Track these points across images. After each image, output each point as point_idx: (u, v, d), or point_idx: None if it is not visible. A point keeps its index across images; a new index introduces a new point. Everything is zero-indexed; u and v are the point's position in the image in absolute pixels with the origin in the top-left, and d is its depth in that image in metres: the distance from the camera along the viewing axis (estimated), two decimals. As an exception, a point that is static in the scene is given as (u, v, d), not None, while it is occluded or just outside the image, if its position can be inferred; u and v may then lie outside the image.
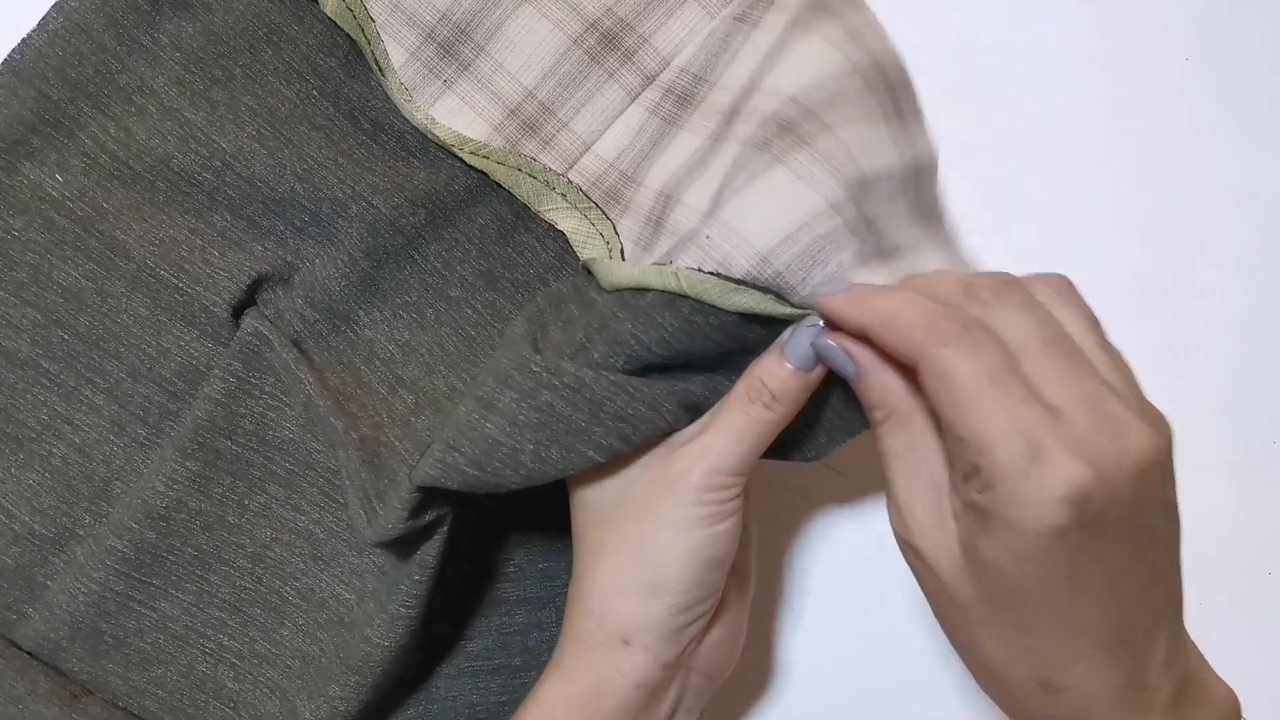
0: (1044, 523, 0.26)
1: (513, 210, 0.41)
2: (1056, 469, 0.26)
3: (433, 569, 0.35)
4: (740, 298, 0.32)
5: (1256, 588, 0.43)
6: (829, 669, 0.42)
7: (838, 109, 0.35)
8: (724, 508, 0.32)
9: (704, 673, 0.34)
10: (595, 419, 0.32)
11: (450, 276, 0.41)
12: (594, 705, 0.32)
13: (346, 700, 0.36)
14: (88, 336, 0.40)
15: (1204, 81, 0.46)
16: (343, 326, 0.40)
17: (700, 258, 0.32)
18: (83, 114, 0.40)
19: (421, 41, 0.40)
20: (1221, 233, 0.45)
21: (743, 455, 0.32)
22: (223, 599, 0.39)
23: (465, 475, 0.32)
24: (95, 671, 0.39)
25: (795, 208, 0.32)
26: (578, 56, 0.40)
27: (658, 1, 0.41)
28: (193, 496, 0.39)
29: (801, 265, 0.32)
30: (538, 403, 0.32)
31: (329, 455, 0.39)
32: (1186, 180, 0.45)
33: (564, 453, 0.32)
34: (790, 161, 0.33)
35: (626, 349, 0.32)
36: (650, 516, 0.32)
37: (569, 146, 0.40)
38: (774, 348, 0.33)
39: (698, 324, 0.32)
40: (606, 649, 0.32)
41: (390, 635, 0.35)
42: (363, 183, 0.40)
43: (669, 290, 0.32)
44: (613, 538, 0.33)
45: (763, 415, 0.32)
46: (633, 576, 0.32)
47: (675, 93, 0.40)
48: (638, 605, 0.32)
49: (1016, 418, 0.26)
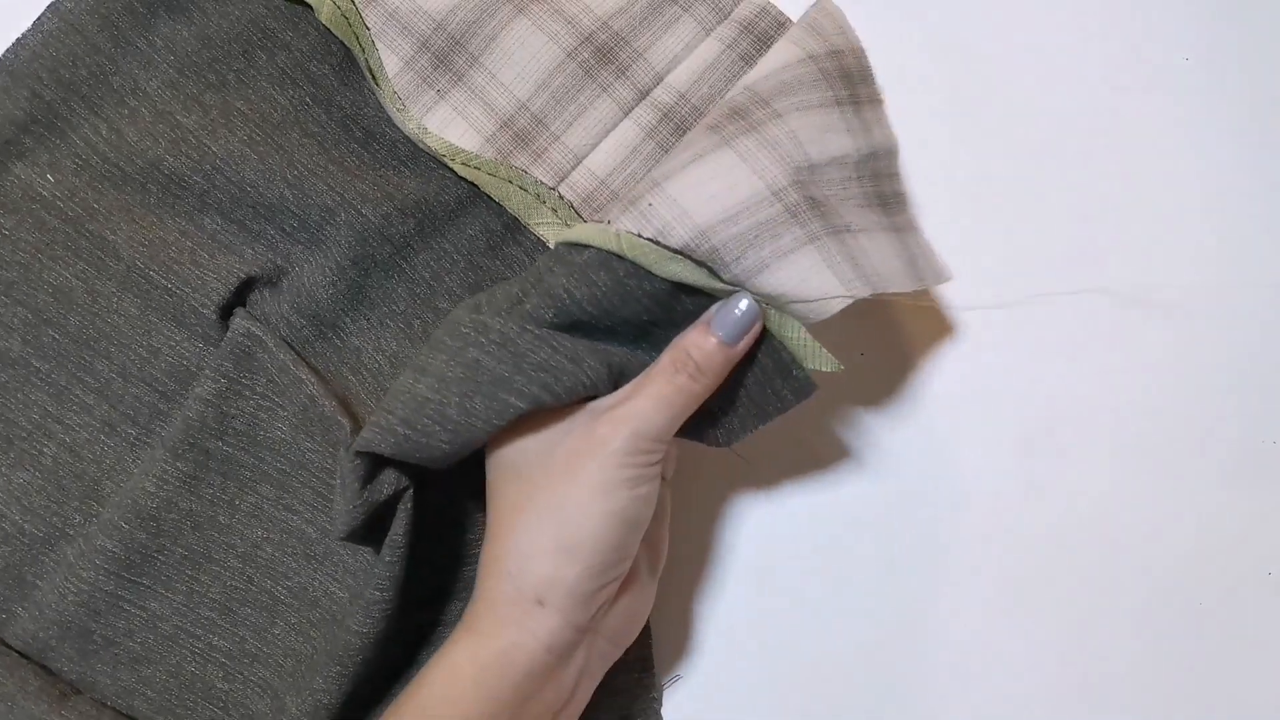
0: None
1: (502, 223, 0.41)
2: None
3: (402, 548, 0.36)
4: (675, 266, 0.33)
5: (1256, 588, 0.43)
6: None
7: (788, 96, 0.35)
8: (645, 472, 0.33)
9: (609, 638, 0.35)
10: (518, 369, 0.33)
11: (438, 287, 0.41)
12: (504, 667, 0.32)
13: (329, 692, 0.37)
14: (78, 336, 0.40)
15: (1204, 81, 0.46)
16: (329, 334, 0.40)
17: (640, 223, 0.33)
18: (75, 115, 0.40)
19: (416, 51, 0.40)
20: (1221, 233, 0.45)
21: (666, 422, 0.33)
22: (213, 599, 0.40)
23: (397, 435, 0.33)
24: (84, 671, 0.39)
25: (738, 189, 0.33)
26: (572, 70, 0.40)
27: (654, 16, 0.41)
28: (183, 497, 0.39)
29: (738, 245, 0.33)
30: (465, 359, 0.33)
31: (326, 455, 0.39)
32: (1186, 180, 0.45)
33: (487, 402, 0.33)
34: (738, 145, 0.34)
35: (557, 300, 0.33)
36: (572, 479, 0.33)
37: (560, 160, 0.41)
38: (701, 321, 0.34)
39: (630, 287, 0.33)
40: (520, 610, 0.32)
41: (367, 622, 0.36)
42: (352, 190, 0.40)
43: (608, 249, 0.33)
44: (533, 499, 0.33)
45: (687, 385, 0.33)
46: (551, 536, 0.32)
47: (674, 120, 0.41)
48: (554, 566, 0.32)
49: None
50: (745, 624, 0.43)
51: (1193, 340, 0.45)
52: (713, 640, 0.43)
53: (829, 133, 0.36)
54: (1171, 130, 0.46)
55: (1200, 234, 0.45)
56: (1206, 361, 0.45)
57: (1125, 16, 0.46)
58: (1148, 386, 0.44)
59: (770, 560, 0.43)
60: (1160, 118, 0.46)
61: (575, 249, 0.34)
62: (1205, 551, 0.43)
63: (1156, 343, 0.45)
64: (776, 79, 0.36)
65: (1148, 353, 0.45)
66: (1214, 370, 0.45)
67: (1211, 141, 0.46)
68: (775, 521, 0.43)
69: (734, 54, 0.41)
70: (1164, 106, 0.46)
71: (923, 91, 0.45)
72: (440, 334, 0.34)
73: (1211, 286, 0.45)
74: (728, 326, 0.33)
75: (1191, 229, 0.45)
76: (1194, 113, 0.46)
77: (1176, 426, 0.44)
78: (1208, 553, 0.44)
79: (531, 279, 0.34)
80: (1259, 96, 0.46)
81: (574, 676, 0.34)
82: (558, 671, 0.33)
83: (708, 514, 0.43)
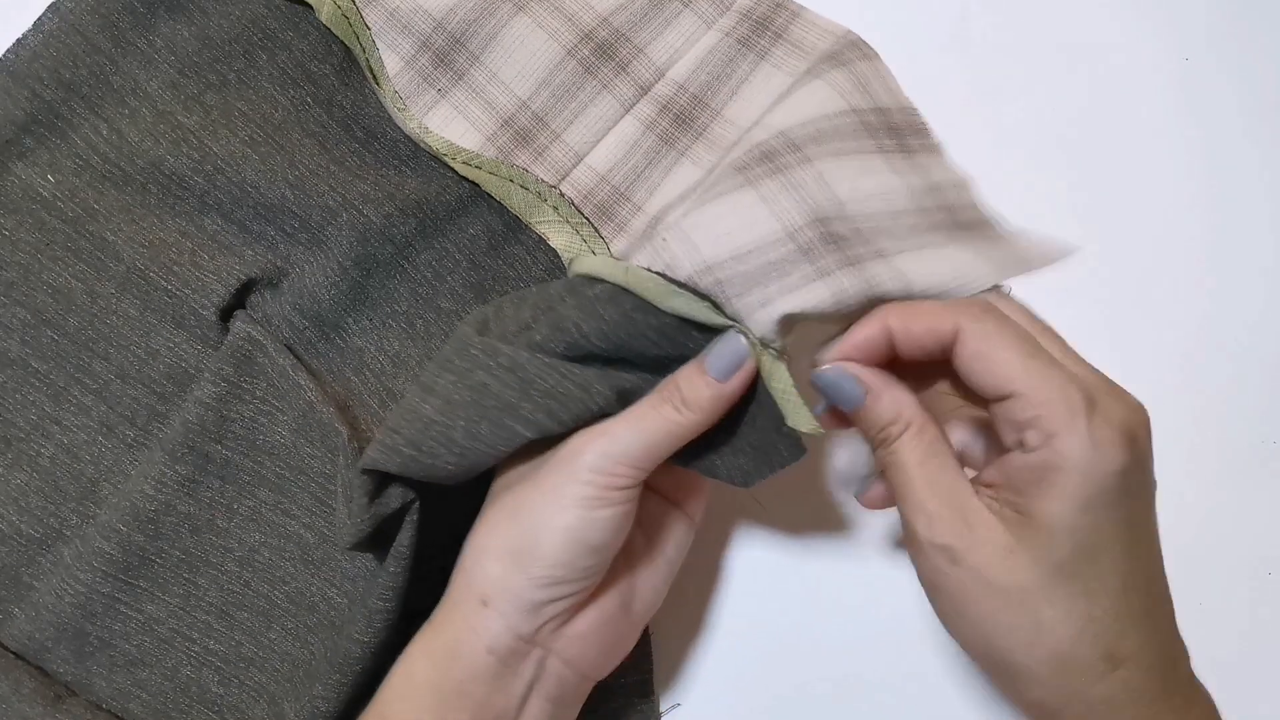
0: (1109, 461, 0.28)
1: (504, 222, 0.41)
2: (1112, 411, 0.29)
3: (406, 558, 0.35)
4: (677, 300, 0.33)
5: (1256, 588, 0.43)
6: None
7: (823, 144, 0.35)
8: (609, 495, 0.32)
9: (569, 662, 0.34)
10: (525, 395, 0.32)
11: (440, 287, 0.41)
12: (448, 662, 0.32)
13: (329, 700, 0.36)
14: (77, 337, 0.40)
15: (1204, 81, 0.46)
16: (332, 335, 0.40)
17: (651, 257, 0.33)
18: (76, 115, 0.40)
19: (416, 50, 0.40)
20: (1222, 232, 0.45)
21: (641, 448, 0.32)
22: (210, 603, 0.39)
23: (403, 455, 0.33)
24: (80, 673, 0.39)
25: (754, 228, 0.33)
26: (572, 67, 0.40)
27: (654, 12, 0.41)
28: (181, 500, 0.39)
29: (743, 281, 0.33)
30: (472, 382, 0.33)
31: (325, 460, 0.39)
32: (1186, 180, 0.45)
33: (493, 428, 0.32)
34: (761, 187, 0.33)
35: (567, 335, 0.33)
36: (536, 486, 0.32)
37: (561, 158, 0.41)
38: (699, 356, 0.33)
39: (636, 321, 0.33)
40: (468, 607, 0.32)
41: (370, 631, 0.35)
42: (354, 191, 0.40)
43: (616, 282, 0.33)
44: (501, 499, 0.33)
45: (671, 416, 0.32)
46: (505, 538, 0.32)
47: (673, 111, 0.40)
48: (502, 568, 0.32)
49: (1058, 376, 0.29)
50: (746, 651, 0.42)
51: (1193, 339, 0.45)
52: (713, 667, 0.42)
53: (867, 174, 0.35)
54: (1171, 130, 0.46)
55: (1200, 234, 0.45)
56: (1206, 361, 0.45)
57: (1125, 16, 0.47)
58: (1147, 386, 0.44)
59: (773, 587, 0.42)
60: (1161, 118, 0.46)
61: (588, 281, 0.34)
62: (1205, 551, 0.43)
63: (1156, 342, 0.45)
64: (814, 126, 0.35)
65: (1147, 352, 0.44)
66: (1214, 370, 0.44)
67: (1212, 141, 0.46)
68: (778, 547, 0.43)
69: (731, 39, 0.41)
70: (1164, 106, 0.46)
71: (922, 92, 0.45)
72: (448, 351, 0.34)
73: (1211, 286, 0.45)
74: (715, 362, 0.33)
75: (1191, 229, 0.45)
76: (1194, 113, 0.46)
77: (1176, 426, 0.44)
78: (1208, 553, 0.43)
79: (542, 305, 0.34)
80: (1259, 96, 0.46)
81: (521, 689, 0.33)
82: (503, 678, 0.32)
83: (710, 537, 0.43)
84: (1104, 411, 0.29)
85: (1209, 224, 0.45)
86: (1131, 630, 0.29)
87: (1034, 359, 0.29)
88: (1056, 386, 0.29)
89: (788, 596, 0.42)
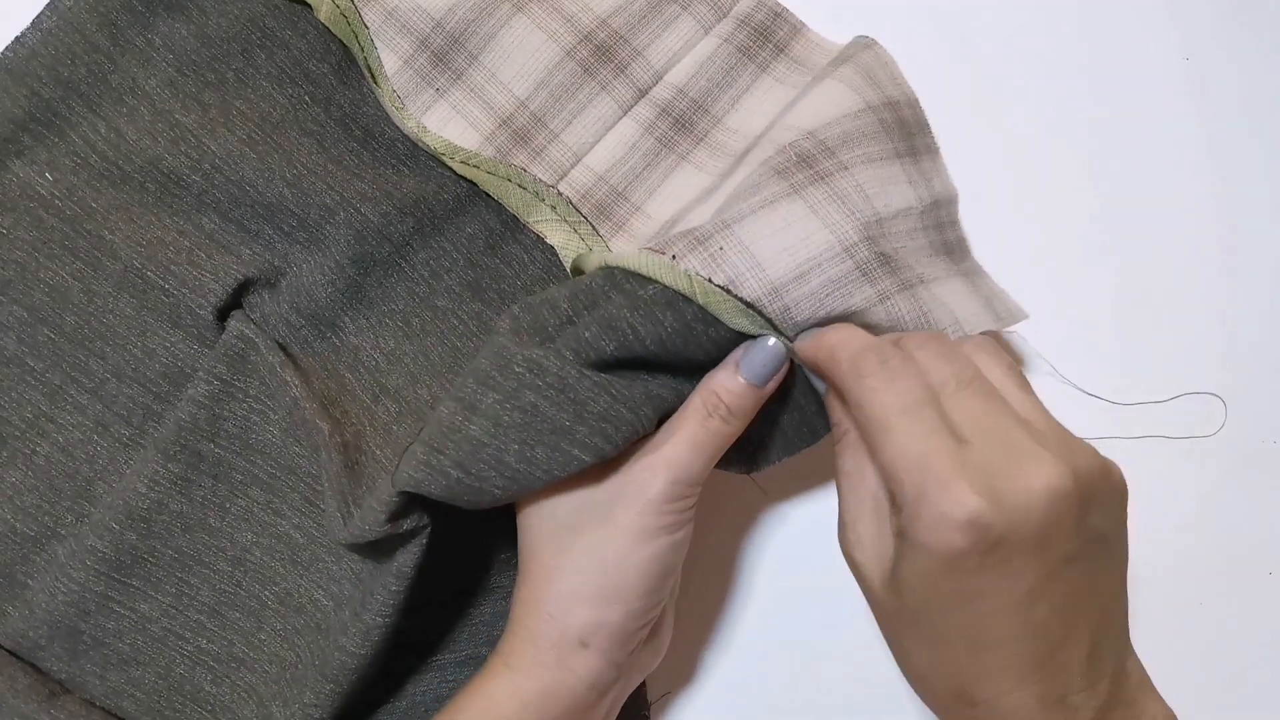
0: (944, 546, 0.28)
1: (501, 221, 0.41)
2: (955, 497, 0.28)
3: (410, 579, 0.35)
4: (745, 321, 0.33)
5: (1256, 588, 0.43)
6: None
7: (852, 148, 0.35)
8: (681, 516, 0.33)
9: (639, 669, 0.36)
10: (580, 419, 0.32)
11: (437, 286, 0.41)
12: (547, 704, 0.33)
13: (320, 708, 0.36)
14: (73, 335, 0.40)
15: (1204, 81, 0.46)
16: (328, 333, 0.40)
17: (710, 267, 0.33)
18: (74, 113, 0.40)
19: (415, 49, 0.40)
20: (1221, 233, 0.45)
21: (702, 466, 0.33)
22: (202, 602, 0.39)
23: (449, 478, 0.32)
24: (73, 671, 0.38)
25: (810, 242, 0.33)
26: (571, 68, 0.40)
27: (653, 14, 0.41)
28: (174, 499, 0.39)
29: (810, 304, 0.33)
30: (521, 403, 0.32)
31: (311, 459, 0.39)
32: (1186, 180, 0.45)
33: (549, 453, 0.32)
34: (808, 196, 0.34)
35: (620, 335, 0.32)
36: (612, 525, 0.33)
37: (560, 158, 0.41)
38: (728, 362, 0.34)
39: (697, 331, 0.33)
40: (562, 651, 0.33)
41: (366, 644, 0.35)
42: (351, 190, 0.40)
43: (677, 288, 0.33)
44: (573, 545, 0.33)
45: (720, 429, 0.33)
46: (593, 583, 0.33)
47: (672, 115, 0.41)
48: (597, 611, 0.33)
49: (924, 448, 0.28)
50: (734, 640, 0.42)
51: (1192, 340, 0.45)
52: (701, 655, 0.42)
53: (892, 185, 0.36)
54: (1171, 130, 0.46)
55: (1200, 233, 0.46)
56: (1207, 362, 0.45)
57: (1126, 16, 0.47)
58: (1147, 387, 0.44)
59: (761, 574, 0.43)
60: (1161, 118, 0.46)
61: (637, 280, 0.33)
62: (1205, 551, 0.43)
63: (1156, 343, 0.45)
64: (840, 128, 0.36)
65: (1146, 354, 0.44)
66: (1214, 370, 0.44)
67: (1212, 141, 0.46)
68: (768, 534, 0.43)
69: (731, 46, 0.41)
70: (1164, 106, 0.46)
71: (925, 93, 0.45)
72: (486, 365, 0.33)
73: (1212, 286, 0.45)
74: (755, 369, 0.33)
75: (1191, 228, 0.46)
76: (1194, 113, 0.46)
77: (1177, 427, 0.44)
78: (1208, 553, 0.43)
79: (583, 298, 0.33)
80: (1259, 96, 0.47)
81: (607, 709, 0.35)
82: (596, 707, 0.34)
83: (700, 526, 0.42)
84: (948, 495, 0.28)
85: (1211, 224, 0.46)
86: (988, 681, 0.29)
87: (897, 429, 0.29)
88: (905, 462, 0.28)
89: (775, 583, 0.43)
